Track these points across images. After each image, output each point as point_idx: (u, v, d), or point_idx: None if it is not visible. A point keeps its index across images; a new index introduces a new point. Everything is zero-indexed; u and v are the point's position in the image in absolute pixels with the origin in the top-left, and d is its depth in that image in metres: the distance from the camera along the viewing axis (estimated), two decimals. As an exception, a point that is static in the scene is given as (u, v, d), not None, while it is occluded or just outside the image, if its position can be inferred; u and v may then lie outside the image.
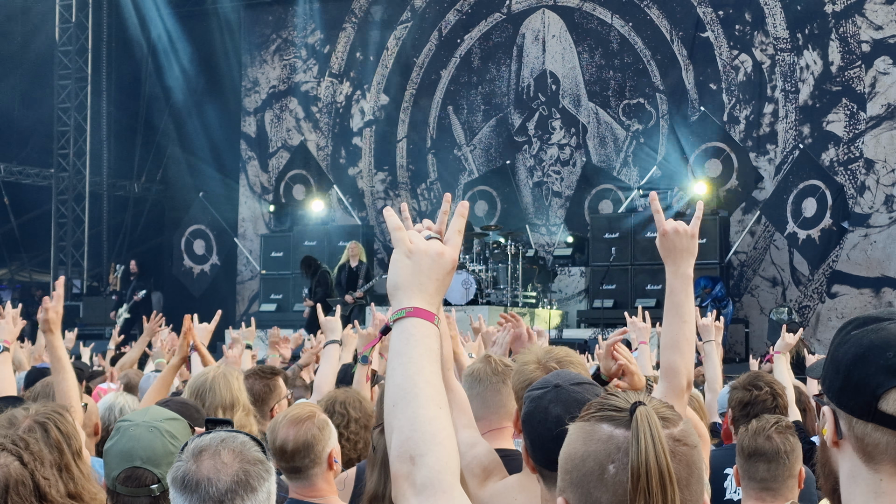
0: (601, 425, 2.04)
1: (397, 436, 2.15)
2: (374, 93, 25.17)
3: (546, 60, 23.61)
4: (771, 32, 21.67)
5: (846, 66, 20.98)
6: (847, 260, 20.72)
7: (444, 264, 2.30)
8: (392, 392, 2.20)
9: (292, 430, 4.24)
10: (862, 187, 20.69)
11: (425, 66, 24.69)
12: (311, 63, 25.82)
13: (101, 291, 25.56)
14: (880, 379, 2.05)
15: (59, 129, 26.39)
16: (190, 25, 26.60)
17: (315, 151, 25.11)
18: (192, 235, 25.68)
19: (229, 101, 26.25)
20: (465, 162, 24.24)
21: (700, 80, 22.23)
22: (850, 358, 2.09)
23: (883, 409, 2.04)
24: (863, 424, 2.07)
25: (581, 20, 23.30)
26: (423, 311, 2.25)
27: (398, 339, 2.23)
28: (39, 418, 3.89)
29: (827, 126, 21.11)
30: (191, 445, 2.81)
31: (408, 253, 2.30)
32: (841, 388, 2.10)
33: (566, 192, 23.22)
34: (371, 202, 25.04)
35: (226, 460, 2.73)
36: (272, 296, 23.18)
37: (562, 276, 22.02)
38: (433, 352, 2.23)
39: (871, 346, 2.08)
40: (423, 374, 2.19)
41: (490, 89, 24.15)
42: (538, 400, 3.09)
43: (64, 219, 26.37)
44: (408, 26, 24.84)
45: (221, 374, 5.33)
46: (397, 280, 2.29)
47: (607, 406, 2.07)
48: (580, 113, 23.31)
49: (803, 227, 20.00)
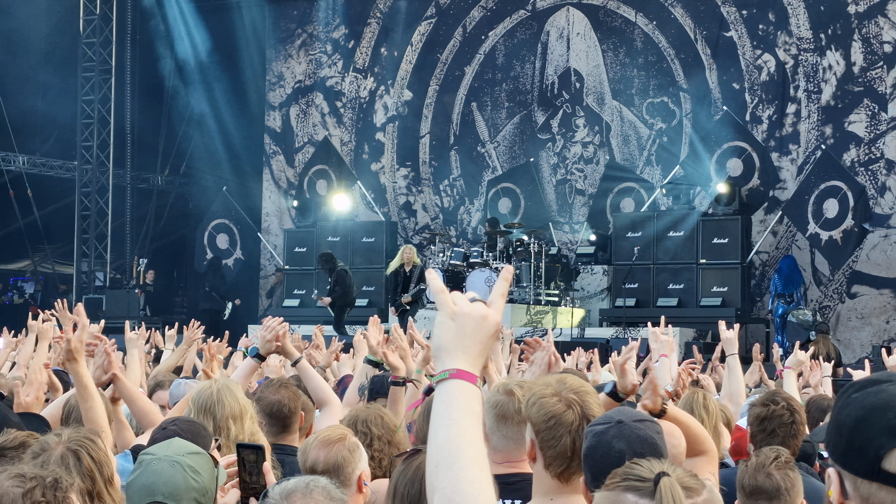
0: (626, 495, 2.14)
1: (440, 497, 2.19)
2: (397, 88, 25.22)
3: (570, 58, 23.64)
4: (794, 32, 21.68)
5: (868, 67, 20.99)
6: (867, 260, 20.74)
7: (488, 327, 2.33)
8: (435, 453, 2.24)
9: (323, 451, 4.25)
10: (883, 188, 20.71)
11: (449, 63, 24.73)
12: (335, 58, 25.87)
13: (124, 284, 25.67)
14: (883, 440, 2.12)
15: (83, 121, 26.49)
16: (213, 19, 26.64)
17: (339, 147, 25.17)
18: (216, 230, 25.78)
19: (253, 95, 26.29)
20: (489, 159, 24.30)
21: (723, 80, 22.24)
22: (853, 420, 2.17)
23: (886, 468, 2.12)
24: (867, 484, 2.14)
25: (605, 18, 23.32)
26: (467, 374, 2.28)
27: (441, 401, 2.28)
28: (72, 445, 3.88)
29: (848, 126, 21.12)
30: (276, 490, 2.91)
31: (452, 315, 2.32)
32: (845, 450, 2.18)
33: (589, 189, 23.27)
34: (393, 198, 25.12)
35: (318, 498, 2.82)
36: (295, 291, 23.28)
37: (584, 274, 22.07)
38: (476, 414, 2.27)
39: (873, 407, 2.16)
40: (465, 436, 2.24)
41: (514, 86, 24.19)
42: (601, 435, 3.19)
43: (87, 211, 26.48)
44: (432, 22, 24.88)
45: (225, 385, 5.31)
46: (441, 342, 2.32)
47: (632, 476, 2.16)
48: (604, 111, 23.34)
49: (825, 227, 20.02)
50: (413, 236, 24.65)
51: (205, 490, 3.74)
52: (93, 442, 3.95)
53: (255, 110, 26.34)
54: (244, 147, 25.79)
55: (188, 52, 26.75)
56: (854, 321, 20.24)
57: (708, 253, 20.17)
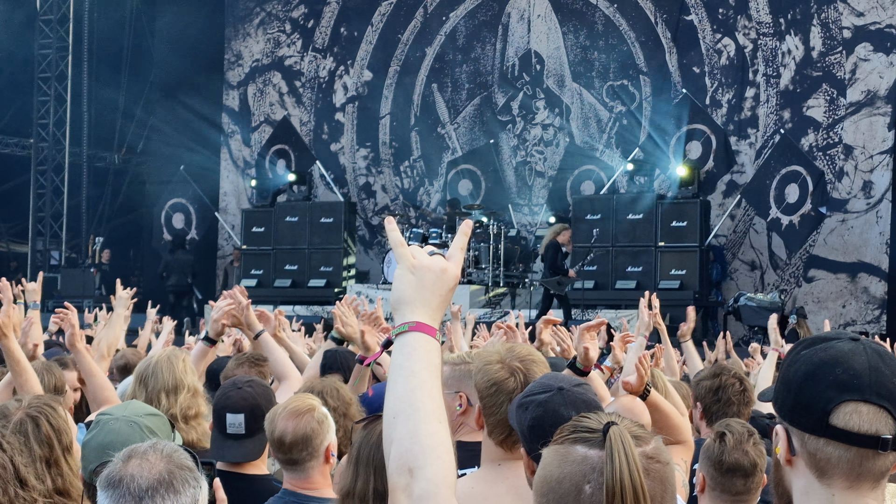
0: (575, 447, 2.11)
1: (396, 447, 2.18)
2: (357, 69, 25.11)
3: (531, 40, 23.62)
4: (754, 17, 21.74)
5: (827, 52, 21.08)
6: (824, 245, 20.87)
7: (448, 280, 2.33)
8: (392, 404, 2.23)
9: (291, 422, 4.23)
10: (840, 173, 20.82)
11: (410, 43, 24.64)
12: (294, 37, 25.73)
13: (79, 263, 25.46)
14: (830, 394, 2.16)
15: (40, 98, 26.25)
16: (172, -3, 26.49)
17: (298, 127, 25.04)
18: (172, 209, 25.58)
19: (212, 74, 26.12)
20: (449, 140, 24.25)
21: (683, 63, 22.29)
22: (801, 376, 2.20)
23: (834, 423, 2.15)
24: (815, 440, 2.18)
25: (566, 1, 23.30)
26: (426, 326, 2.29)
27: (400, 353, 2.27)
28: (31, 412, 3.88)
29: (807, 111, 21.22)
30: (124, 450, 2.85)
31: (411, 269, 2.32)
32: (793, 405, 2.21)
33: (549, 172, 23.27)
34: (353, 178, 25.03)
35: (151, 460, 2.75)
36: (252, 271, 23.14)
37: (543, 256, 22.05)
38: (435, 366, 2.27)
39: (821, 363, 2.19)
40: (424, 389, 2.23)
41: (475, 68, 24.15)
42: (546, 404, 3.13)
43: (42, 189, 26.26)
44: (393, 2, 24.77)
45: (165, 356, 5.31)
46: (401, 295, 2.32)
47: (580, 428, 2.13)
48: (564, 93, 23.34)
49: (786, 212, 20.10)
50: (372, 217, 24.59)
51: None
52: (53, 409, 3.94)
53: (214, 90, 26.15)
54: (203, 126, 25.60)
55: (147, 31, 26.56)
56: (811, 305, 20.33)
57: (667, 236, 20.19)
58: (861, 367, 2.18)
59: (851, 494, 2.18)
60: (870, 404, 2.16)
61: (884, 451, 2.16)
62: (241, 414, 4.66)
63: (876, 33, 20.72)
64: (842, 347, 2.21)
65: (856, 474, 2.17)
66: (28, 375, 5.23)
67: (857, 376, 2.17)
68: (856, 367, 2.18)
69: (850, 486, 2.18)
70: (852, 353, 2.21)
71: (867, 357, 2.20)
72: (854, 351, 2.21)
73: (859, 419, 2.15)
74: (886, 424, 2.16)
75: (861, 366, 2.18)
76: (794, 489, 2.26)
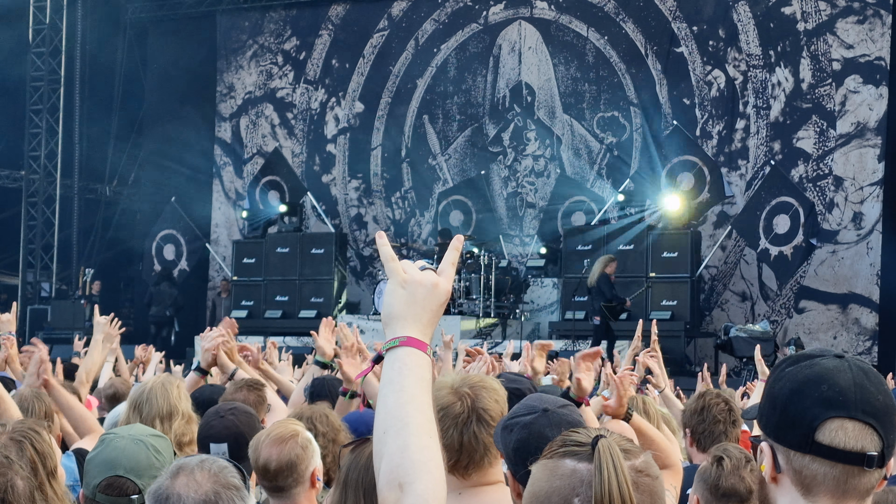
0: (564, 461, 2.10)
1: (387, 462, 2.17)
2: (349, 100, 25.16)
3: (522, 72, 23.69)
4: (744, 49, 21.83)
5: (817, 84, 21.17)
6: (815, 276, 20.90)
7: (439, 295, 2.33)
8: (383, 419, 2.22)
9: (275, 449, 4.19)
10: (831, 204, 20.87)
11: (401, 75, 24.71)
12: (286, 69, 25.79)
13: (69, 295, 25.41)
14: (816, 411, 2.16)
15: (31, 130, 26.22)
16: (165, 29, 26.56)
17: (290, 158, 25.07)
18: (163, 240, 25.54)
19: (204, 106, 26.15)
20: (440, 171, 24.28)
21: (674, 95, 22.36)
22: (787, 393, 2.20)
23: (819, 440, 2.16)
24: (800, 457, 2.18)
25: (557, 32, 23.39)
26: (417, 341, 2.27)
27: (391, 368, 2.26)
28: (16, 436, 3.85)
29: (797, 143, 21.29)
30: (173, 464, 2.85)
31: (402, 283, 2.31)
32: (778, 423, 2.21)
33: (540, 203, 23.29)
34: (345, 210, 25.04)
35: (199, 479, 2.76)
36: (243, 302, 23.12)
37: (534, 287, 22.07)
38: (425, 381, 2.26)
39: (806, 380, 2.19)
40: (414, 403, 2.22)
41: (466, 99, 24.21)
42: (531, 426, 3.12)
43: (34, 221, 26.21)
44: (384, 34, 24.86)
45: (160, 383, 5.29)
46: (392, 310, 2.31)
47: (569, 442, 2.13)
48: (555, 125, 23.40)
49: (775, 243, 20.13)
50: (364, 248, 24.59)
51: None
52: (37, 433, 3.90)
53: (206, 121, 26.18)
54: (195, 158, 25.61)
55: (140, 63, 26.61)
56: (802, 337, 20.32)
57: (658, 267, 20.21)
58: (846, 383, 2.19)
59: None
60: (855, 421, 2.16)
61: (869, 468, 2.17)
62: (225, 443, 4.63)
63: (865, 65, 20.82)
64: (827, 364, 2.22)
65: (841, 491, 2.17)
66: (6, 406, 5.21)
67: (843, 393, 2.18)
68: (841, 383, 2.19)
69: (836, 503, 2.18)
70: (837, 370, 2.21)
71: (852, 374, 2.21)
72: (839, 368, 2.22)
73: (845, 436, 2.16)
74: (872, 441, 2.17)
75: (846, 382, 2.19)
76: None
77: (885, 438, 2.18)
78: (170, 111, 25.61)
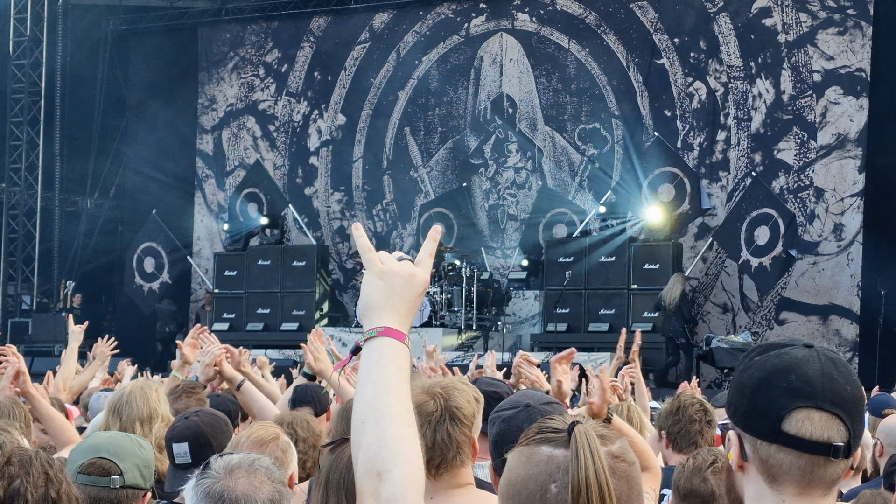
0: (541, 448, 2.08)
1: (365, 452, 2.17)
2: (331, 112, 25.16)
3: (503, 84, 23.71)
4: (725, 61, 21.89)
5: (798, 96, 21.22)
6: (795, 287, 20.93)
7: (416, 286, 2.33)
8: (361, 409, 2.22)
9: (255, 450, 4.11)
10: (811, 216, 20.92)
11: (383, 87, 24.71)
12: (268, 82, 25.78)
13: (50, 308, 25.32)
14: (784, 401, 2.17)
15: (12, 143, 26.14)
16: (146, 41, 26.53)
17: (272, 171, 25.04)
18: (144, 253, 25.45)
19: (186, 118, 26.12)
20: (422, 184, 24.27)
21: (655, 107, 22.41)
22: (755, 382, 2.20)
23: (786, 430, 2.16)
24: (767, 446, 2.18)
25: (538, 45, 23.43)
26: (395, 332, 2.28)
27: (369, 358, 2.26)
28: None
29: (778, 154, 21.34)
30: (219, 463, 2.85)
31: (380, 274, 2.32)
32: (746, 411, 2.21)
33: (521, 215, 23.29)
34: (326, 222, 25.01)
35: (261, 479, 2.84)
36: (224, 315, 23.06)
37: (516, 299, 22.06)
38: (403, 371, 2.26)
39: (774, 370, 2.20)
40: (392, 393, 2.22)
41: (447, 111, 24.22)
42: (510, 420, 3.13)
43: (14, 234, 26.11)
44: (366, 46, 24.86)
45: (139, 387, 5.32)
46: (369, 301, 2.32)
47: (546, 429, 2.12)
48: (536, 137, 23.42)
49: (756, 254, 20.16)
50: (346, 260, 24.56)
51: (148, 463, 3.72)
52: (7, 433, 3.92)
53: (188, 134, 26.15)
54: (176, 171, 25.57)
55: (120, 75, 26.55)
56: (783, 347, 20.29)
57: (639, 278, 20.23)
58: (814, 374, 2.19)
59: (802, 501, 2.18)
60: (822, 411, 2.16)
61: (835, 458, 2.17)
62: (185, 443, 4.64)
63: (846, 77, 20.89)
64: (795, 354, 2.23)
65: (807, 481, 2.17)
66: None
67: (810, 383, 2.18)
68: (809, 373, 2.19)
69: (802, 492, 2.18)
70: (806, 360, 2.22)
71: (821, 364, 2.21)
72: (808, 358, 2.22)
73: (811, 426, 2.16)
74: (838, 432, 2.17)
75: (814, 373, 2.19)
76: (745, 495, 2.25)
77: (852, 429, 2.18)
78: (151, 123, 25.52)
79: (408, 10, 24.62)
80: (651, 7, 22.48)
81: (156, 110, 25.54)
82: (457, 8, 24.22)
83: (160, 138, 25.22)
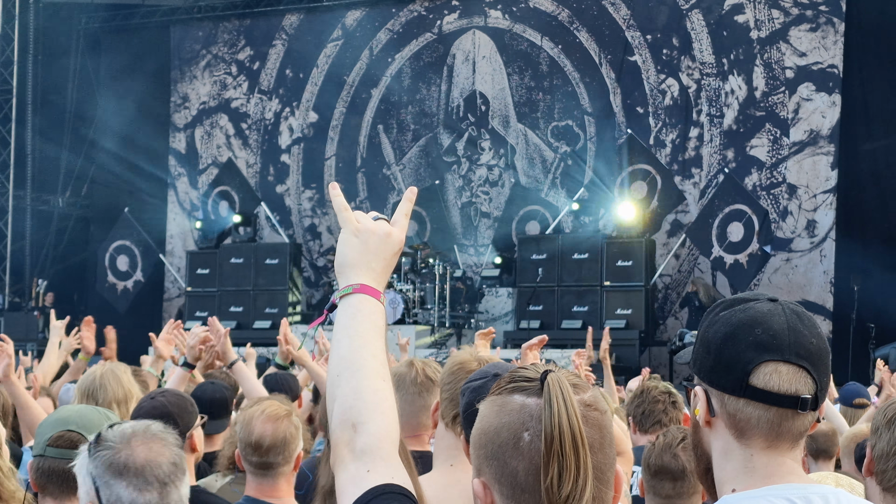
0: (513, 396, 2.05)
1: (340, 404, 2.20)
2: (303, 110, 25.11)
3: (476, 81, 23.72)
4: (697, 57, 21.94)
5: (770, 92, 21.29)
6: (769, 284, 20.97)
7: (392, 244, 2.37)
8: (336, 363, 2.25)
9: (270, 425, 4.24)
10: (784, 212, 20.98)
11: (356, 85, 24.68)
12: (240, 80, 25.71)
13: (22, 307, 25.18)
14: (750, 355, 2.17)
15: (-18, 141, 26.04)
16: (118, 39, 26.44)
17: (244, 169, 24.97)
18: (117, 251, 25.34)
19: (158, 116, 26.04)
20: (395, 181, 24.25)
21: (627, 104, 22.44)
22: (721, 337, 2.21)
23: (753, 383, 2.16)
24: (734, 400, 2.18)
25: (511, 42, 23.44)
26: (370, 289, 2.32)
27: (344, 314, 2.29)
28: None
29: (750, 151, 21.40)
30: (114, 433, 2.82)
31: (355, 232, 2.35)
32: (712, 366, 2.22)
33: (494, 212, 23.30)
34: (298, 220, 24.96)
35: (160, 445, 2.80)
36: (197, 313, 22.96)
37: (489, 296, 22.06)
38: (379, 328, 2.29)
39: (740, 324, 2.21)
40: (368, 348, 2.25)
41: (420, 109, 24.21)
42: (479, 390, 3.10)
43: (-14, 233, 25.99)
44: (338, 44, 24.82)
45: (109, 370, 5.36)
46: (345, 259, 2.35)
47: (518, 378, 2.09)
48: (509, 134, 23.43)
49: (729, 251, 20.20)
50: (318, 258, 24.51)
51: None
52: None
53: (160, 132, 26.06)
54: (149, 169, 25.46)
55: (92, 73, 26.44)
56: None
57: (612, 275, 20.24)
58: (780, 327, 2.20)
59: (770, 454, 2.18)
60: (789, 364, 2.17)
61: (803, 410, 2.17)
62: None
63: (818, 73, 20.96)
64: (760, 308, 2.23)
65: (775, 434, 2.17)
66: None
67: (776, 336, 2.18)
68: (775, 327, 2.19)
69: (769, 445, 2.18)
70: (771, 313, 2.22)
71: (786, 317, 2.22)
72: (773, 312, 2.23)
73: (779, 379, 2.16)
74: (805, 384, 2.17)
75: (780, 326, 2.20)
76: (712, 450, 2.26)
77: (819, 381, 2.19)
78: (123, 122, 25.40)
79: (380, 7, 24.60)
80: (624, 4, 22.53)
81: (128, 108, 25.41)
82: (429, 5, 24.22)
83: (132, 136, 25.12)
